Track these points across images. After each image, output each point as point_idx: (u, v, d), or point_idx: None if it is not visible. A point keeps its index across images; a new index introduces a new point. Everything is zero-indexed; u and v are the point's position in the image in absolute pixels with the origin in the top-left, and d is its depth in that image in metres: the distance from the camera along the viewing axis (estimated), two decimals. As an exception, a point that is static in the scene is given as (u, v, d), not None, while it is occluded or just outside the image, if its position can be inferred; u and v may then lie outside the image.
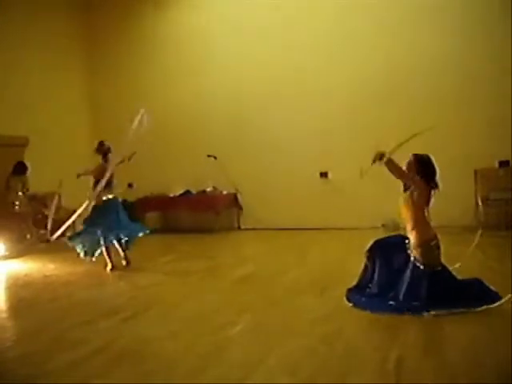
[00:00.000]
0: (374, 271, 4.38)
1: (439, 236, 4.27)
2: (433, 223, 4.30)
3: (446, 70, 8.58)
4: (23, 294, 5.48)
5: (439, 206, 4.37)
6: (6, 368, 3.37)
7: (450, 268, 4.27)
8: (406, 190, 4.31)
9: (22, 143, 8.37)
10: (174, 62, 10.40)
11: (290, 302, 4.60)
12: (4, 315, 4.76)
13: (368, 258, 4.42)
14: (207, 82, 10.02)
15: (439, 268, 4.16)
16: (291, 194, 9.45)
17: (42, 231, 8.23)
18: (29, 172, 8.47)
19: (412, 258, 4.18)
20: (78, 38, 10.71)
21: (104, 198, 6.41)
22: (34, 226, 8.34)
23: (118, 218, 6.46)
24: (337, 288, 4.76)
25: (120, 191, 6.76)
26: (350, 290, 4.51)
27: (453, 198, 7.18)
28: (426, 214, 4.26)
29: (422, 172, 4.24)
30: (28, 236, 8.29)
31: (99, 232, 6.29)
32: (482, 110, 8.38)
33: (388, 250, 4.38)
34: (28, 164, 8.48)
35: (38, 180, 8.65)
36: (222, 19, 9.97)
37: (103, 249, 6.38)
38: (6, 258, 7.49)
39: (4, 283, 6.22)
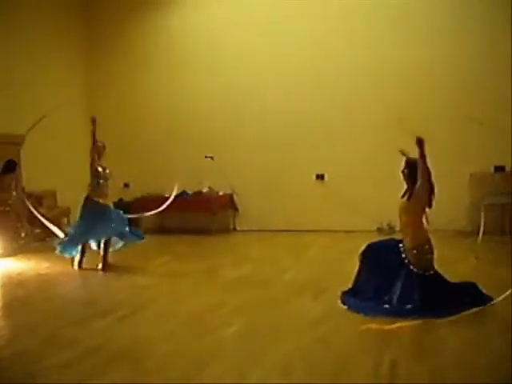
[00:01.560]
0: (367, 274, 4.39)
1: (433, 241, 4.30)
2: (429, 227, 4.32)
3: (442, 74, 8.60)
4: (17, 293, 5.45)
5: (433, 210, 4.39)
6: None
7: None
8: (404, 195, 4.32)
9: (18, 142, 8.30)
10: (171, 64, 10.36)
11: (285, 304, 4.60)
12: (-2, 314, 4.74)
13: (361, 261, 4.44)
14: (205, 82, 9.99)
15: (431, 272, 4.19)
16: (287, 196, 9.45)
17: (37, 230, 8.19)
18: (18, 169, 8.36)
19: (406, 261, 4.21)
20: (77, 39, 10.67)
21: (96, 200, 6.37)
22: (28, 224, 8.28)
23: (108, 224, 6.34)
24: (331, 290, 4.77)
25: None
26: (344, 293, 4.52)
27: (447, 202, 7.20)
28: (424, 218, 4.28)
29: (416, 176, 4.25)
30: (23, 234, 8.24)
31: (88, 237, 6.32)
32: (479, 114, 8.40)
33: (382, 253, 4.40)
34: (17, 161, 8.37)
35: (34, 179, 8.60)
36: (222, 19, 9.94)
37: (79, 247, 6.37)
38: (-1, 256, 7.46)
39: (-2, 282, 6.20)
